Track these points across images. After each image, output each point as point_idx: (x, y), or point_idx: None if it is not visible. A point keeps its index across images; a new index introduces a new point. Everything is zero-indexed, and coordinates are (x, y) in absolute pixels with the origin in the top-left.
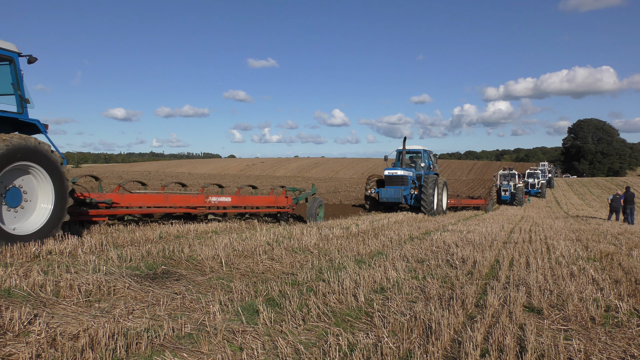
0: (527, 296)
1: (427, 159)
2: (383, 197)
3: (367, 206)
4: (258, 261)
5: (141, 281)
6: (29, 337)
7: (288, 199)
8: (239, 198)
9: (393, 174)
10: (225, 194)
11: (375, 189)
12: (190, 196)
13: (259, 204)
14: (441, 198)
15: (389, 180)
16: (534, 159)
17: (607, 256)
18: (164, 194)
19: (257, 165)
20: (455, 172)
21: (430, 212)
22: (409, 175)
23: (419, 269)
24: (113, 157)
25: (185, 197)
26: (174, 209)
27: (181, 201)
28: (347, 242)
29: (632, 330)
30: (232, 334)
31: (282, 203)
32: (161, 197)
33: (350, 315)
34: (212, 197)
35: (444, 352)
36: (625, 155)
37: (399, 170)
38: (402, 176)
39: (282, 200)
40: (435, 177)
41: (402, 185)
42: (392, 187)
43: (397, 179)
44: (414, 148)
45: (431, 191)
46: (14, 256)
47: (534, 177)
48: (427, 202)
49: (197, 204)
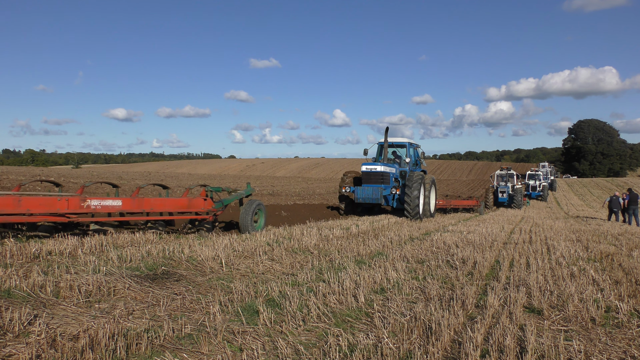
0: (528, 297)
1: (414, 153)
2: (359, 197)
3: (342, 208)
4: (258, 262)
5: (141, 282)
6: (28, 338)
7: (207, 201)
8: (134, 201)
9: (371, 170)
10: (115, 197)
11: (350, 187)
12: (57, 199)
13: (165, 208)
14: (428, 199)
15: (366, 178)
16: (534, 159)
17: (608, 257)
18: (15, 196)
19: (257, 165)
20: (455, 173)
21: (414, 216)
22: (391, 171)
23: (419, 270)
24: (113, 157)
25: (49, 200)
26: (29, 217)
27: (41, 206)
28: (347, 242)
29: (633, 331)
30: (232, 334)
31: (199, 207)
32: (9, 200)
33: (351, 315)
34: (93, 199)
35: (444, 353)
36: (625, 155)
37: (379, 165)
38: (383, 173)
39: (198, 204)
40: (422, 174)
41: (383, 184)
42: (370, 185)
43: (376, 176)
44: (398, 141)
45: (416, 191)
46: (14, 256)
47: (534, 179)
48: (412, 203)
49: (68, 210)
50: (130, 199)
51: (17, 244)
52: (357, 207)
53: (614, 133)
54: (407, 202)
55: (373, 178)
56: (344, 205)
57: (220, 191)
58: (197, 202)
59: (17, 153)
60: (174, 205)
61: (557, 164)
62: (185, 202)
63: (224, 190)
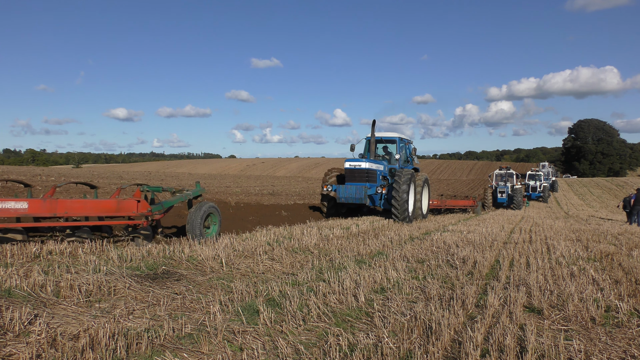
0: (528, 296)
1: (405, 149)
2: (341, 196)
3: (325, 209)
4: (258, 261)
5: (141, 281)
6: (29, 337)
7: (141, 203)
8: (44, 203)
9: (355, 167)
10: (22, 198)
11: (333, 185)
12: None
13: (86, 212)
14: (420, 199)
15: (350, 175)
16: (534, 159)
17: (608, 256)
18: None
19: (257, 165)
20: (455, 173)
21: (403, 218)
22: (378, 169)
23: (419, 269)
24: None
25: None
26: None
27: None
28: (347, 242)
29: (633, 331)
30: (233, 334)
31: (130, 210)
32: None
33: (351, 315)
34: None
35: (444, 352)
36: (625, 155)
37: (364, 162)
38: (368, 170)
39: (128, 206)
40: (412, 172)
41: (368, 182)
42: (353, 183)
43: (360, 174)
44: (388, 135)
45: (405, 190)
46: (15, 256)
47: (535, 179)
48: (400, 204)
49: None
50: (40, 200)
51: (18, 243)
52: (341, 208)
53: (614, 133)
54: (395, 202)
55: (357, 176)
56: (326, 205)
57: (160, 191)
58: (127, 205)
59: (17, 153)
60: (97, 208)
61: (557, 164)
62: (112, 204)
63: (165, 190)
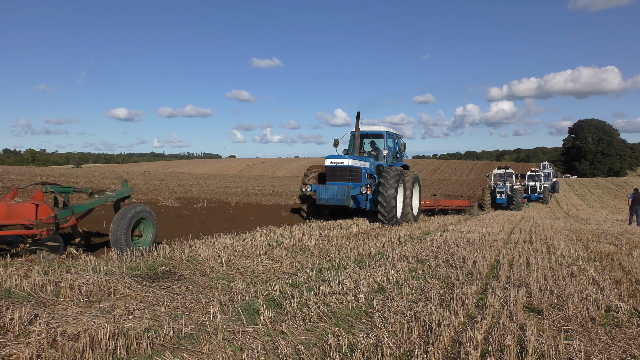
0: (528, 296)
1: (393, 144)
2: (321, 197)
3: (304, 212)
4: (258, 261)
5: (141, 281)
6: (29, 338)
7: (41, 208)
8: None
9: (337, 165)
10: None
11: (312, 185)
12: None
13: None
14: (410, 200)
15: (331, 174)
16: (534, 159)
17: (608, 256)
18: None
19: (257, 165)
20: (455, 173)
21: (390, 220)
22: (363, 166)
23: (419, 269)
24: (114, 157)
25: None
26: None
27: None
28: (347, 242)
29: (633, 331)
30: (233, 334)
31: (25, 217)
32: None
33: (351, 315)
34: None
35: (444, 353)
36: (625, 155)
37: (346, 159)
38: (351, 168)
39: (23, 212)
40: (401, 170)
41: (352, 181)
42: (335, 183)
43: (342, 172)
44: (375, 129)
45: (392, 190)
46: (15, 256)
47: (535, 180)
48: (387, 204)
49: None
50: None
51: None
52: (324, 210)
53: (614, 133)
54: (382, 203)
55: (339, 174)
56: (305, 207)
57: (71, 192)
58: (22, 210)
59: (17, 153)
60: None
61: (557, 164)
62: (3, 208)
63: (78, 191)
